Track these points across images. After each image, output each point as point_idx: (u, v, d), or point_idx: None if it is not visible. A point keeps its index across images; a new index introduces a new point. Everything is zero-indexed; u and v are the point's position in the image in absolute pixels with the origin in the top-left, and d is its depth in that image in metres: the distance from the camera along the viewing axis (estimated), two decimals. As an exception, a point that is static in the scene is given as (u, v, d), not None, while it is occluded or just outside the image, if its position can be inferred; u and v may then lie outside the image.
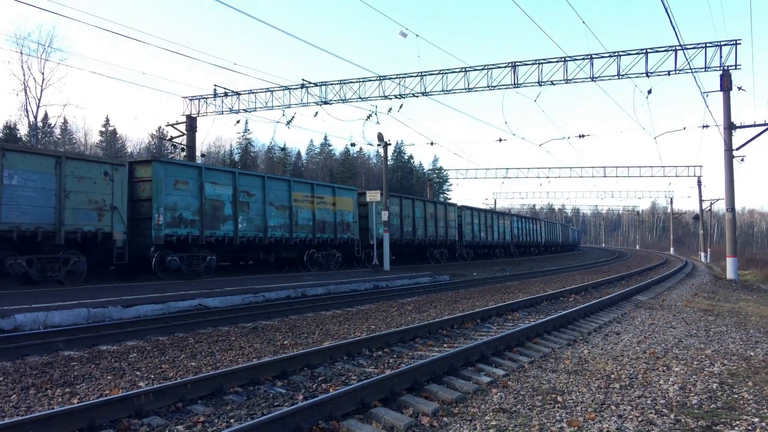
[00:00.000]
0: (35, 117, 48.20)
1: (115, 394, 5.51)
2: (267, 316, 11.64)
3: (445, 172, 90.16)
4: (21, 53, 45.29)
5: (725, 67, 24.42)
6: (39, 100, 46.78)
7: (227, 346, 8.45)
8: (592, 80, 26.06)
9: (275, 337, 9.25)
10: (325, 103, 30.43)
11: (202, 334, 9.57)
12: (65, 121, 66.77)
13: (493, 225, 45.60)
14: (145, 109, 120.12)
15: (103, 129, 77.70)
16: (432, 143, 43.04)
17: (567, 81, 26.51)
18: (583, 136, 35.25)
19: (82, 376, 6.52)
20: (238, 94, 32.29)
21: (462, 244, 39.00)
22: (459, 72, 28.04)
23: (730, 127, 25.02)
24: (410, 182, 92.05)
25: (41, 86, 46.25)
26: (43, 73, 46.39)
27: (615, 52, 25.70)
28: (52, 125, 62.02)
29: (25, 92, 45.90)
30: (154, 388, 5.23)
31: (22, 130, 49.89)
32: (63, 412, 4.49)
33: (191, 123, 33.79)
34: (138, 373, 6.73)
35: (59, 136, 66.55)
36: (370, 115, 30.27)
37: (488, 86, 27.62)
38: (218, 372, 5.90)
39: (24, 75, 45.99)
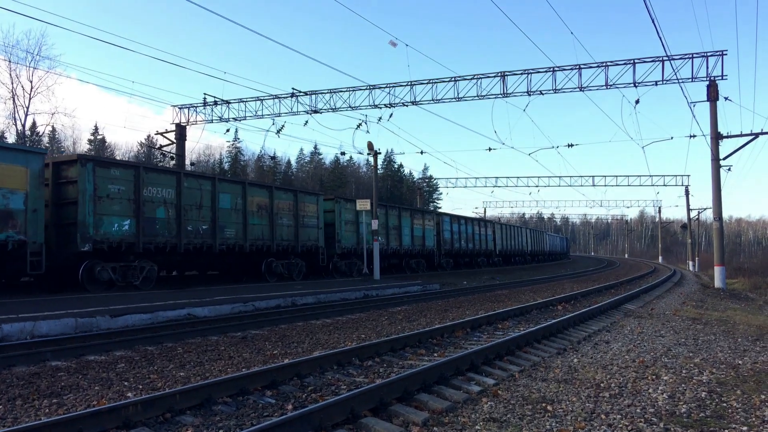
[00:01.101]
0: (23, 125, 47.97)
1: (102, 404, 5.46)
2: (257, 325, 11.59)
3: (435, 181, 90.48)
4: (9, 61, 45.11)
5: (712, 78, 24.70)
6: (27, 108, 46.61)
7: (216, 356, 8.40)
8: (581, 90, 26.30)
9: (265, 347, 9.20)
10: (315, 111, 30.48)
11: (191, 343, 9.51)
12: (53, 129, 66.40)
13: (402, 227, 32.33)
14: (134, 117, 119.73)
15: (92, 137, 77.37)
16: (422, 152, 43.24)
17: (556, 91, 26.72)
18: (571, 145, 35.51)
19: (69, 387, 6.45)
20: (227, 102, 32.27)
21: (336, 252, 26.95)
22: (449, 81, 28.20)
23: (717, 137, 25.28)
24: (400, 191, 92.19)
25: (29, 94, 46.08)
26: (31, 81, 46.22)
27: (603, 63, 25.96)
28: (41, 133, 61.67)
29: (13, 100, 45.72)
30: (142, 398, 5.19)
31: (10, 138, 49.52)
32: (50, 423, 4.44)
33: (180, 132, 33.71)
34: (126, 383, 6.67)
35: (47, 144, 66.10)
36: (360, 124, 30.37)
37: (478, 96, 27.80)
38: (207, 382, 5.86)
39: (12, 83, 45.81)
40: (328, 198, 27.60)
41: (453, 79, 28.12)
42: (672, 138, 34.99)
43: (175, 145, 33.72)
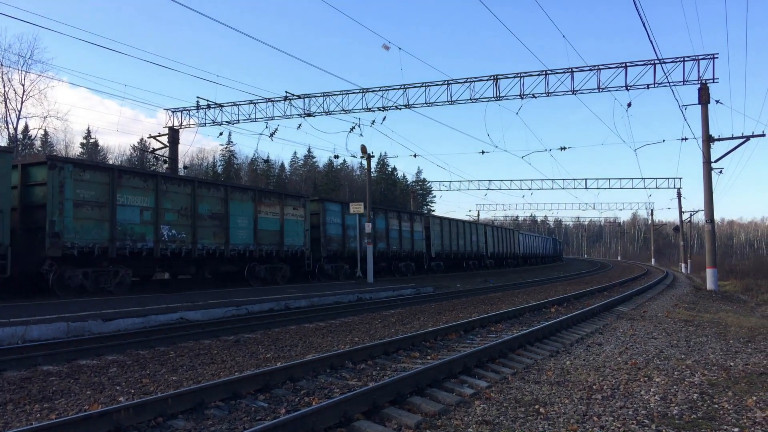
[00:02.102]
0: (15, 129, 47.72)
1: (94, 409, 5.44)
2: (250, 329, 11.56)
3: (428, 184, 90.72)
4: (1, 65, 44.89)
5: (703, 81, 24.83)
6: (19, 111, 46.36)
7: (209, 360, 8.37)
8: (573, 93, 26.38)
9: (258, 350, 9.18)
10: (309, 115, 30.47)
11: (184, 347, 9.48)
12: (46, 133, 66.12)
13: (231, 217, 20.87)
14: (126, 121, 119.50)
15: (84, 141, 77.10)
16: (415, 155, 43.16)
17: (548, 94, 26.80)
18: (564, 148, 35.59)
19: (61, 392, 6.42)
20: (221, 106, 32.23)
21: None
22: (442, 85, 28.25)
23: (708, 140, 25.42)
24: (394, 194, 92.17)
25: (22, 98, 45.86)
26: (23, 85, 46.00)
27: (595, 66, 26.06)
28: (33, 137, 61.43)
29: (5, 104, 45.49)
30: (134, 402, 5.16)
31: (2, 142, 49.34)
32: (41, 428, 4.41)
33: (173, 135, 33.65)
34: (118, 387, 6.64)
35: (39, 148, 65.80)
36: (354, 128, 30.40)
37: (471, 99, 27.85)
38: (199, 386, 5.84)
39: (4, 87, 45.58)
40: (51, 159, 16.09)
41: (446, 82, 28.17)
42: (664, 141, 35.50)
43: (168, 148, 33.64)
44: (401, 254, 33.71)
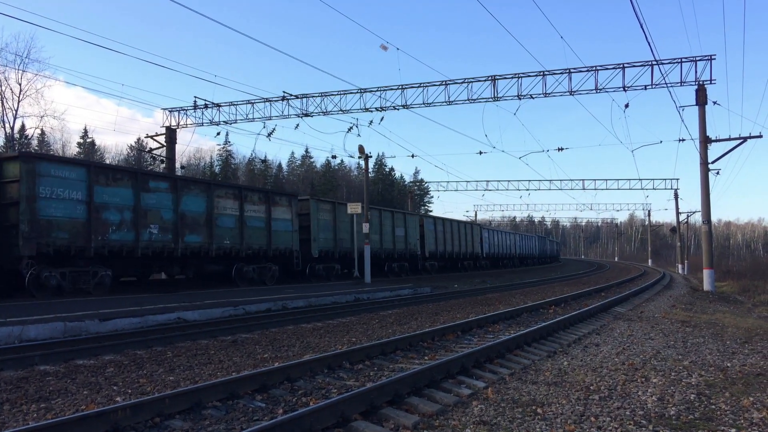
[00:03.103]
0: (12, 128, 47.59)
1: (91, 409, 5.43)
2: (247, 329, 11.55)
3: (426, 185, 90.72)
4: (-3, 64, 44.73)
5: (700, 82, 24.86)
6: (16, 111, 46.23)
7: (206, 360, 8.36)
8: (571, 94, 26.39)
9: (255, 351, 9.17)
10: (306, 115, 30.44)
11: (181, 347, 9.47)
12: (42, 133, 65.97)
13: None
14: (123, 120, 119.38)
15: (81, 140, 76.95)
16: (413, 155, 43.26)
17: (546, 95, 26.81)
18: (561, 149, 35.61)
19: (57, 391, 6.41)
20: (218, 106, 32.17)
21: None
22: (440, 85, 28.24)
23: (705, 141, 25.45)
24: (391, 194, 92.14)
25: (18, 97, 45.73)
26: (20, 84, 45.87)
27: (593, 67, 26.07)
28: (30, 136, 61.28)
29: (2, 103, 45.35)
30: (131, 402, 5.16)
31: (-1, 142, 49.31)
32: (38, 428, 4.40)
33: (171, 135, 33.57)
34: (115, 387, 6.63)
35: (36, 147, 65.66)
36: (351, 128, 30.37)
37: (468, 99, 27.84)
38: (197, 386, 5.83)
39: (1, 86, 45.44)
40: None
41: (444, 82, 28.17)
42: (661, 142, 35.59)
43: (165, 148, 33.58)
44: (242, 254, 21.73)
